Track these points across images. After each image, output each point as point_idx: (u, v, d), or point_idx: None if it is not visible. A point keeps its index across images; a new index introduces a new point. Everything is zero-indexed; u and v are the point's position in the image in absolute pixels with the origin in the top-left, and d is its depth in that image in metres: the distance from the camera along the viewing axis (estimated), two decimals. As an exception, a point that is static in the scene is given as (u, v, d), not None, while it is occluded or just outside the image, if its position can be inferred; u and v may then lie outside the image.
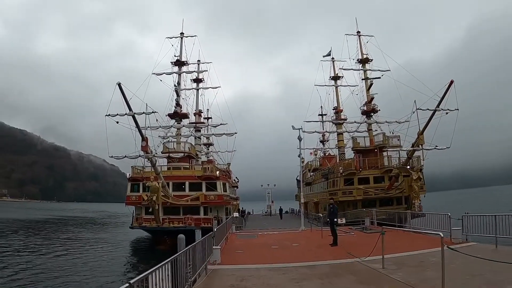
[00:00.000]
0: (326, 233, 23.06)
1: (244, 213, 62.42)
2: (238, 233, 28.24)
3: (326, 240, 21.04)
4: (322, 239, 22.01)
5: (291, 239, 23.18)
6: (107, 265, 29.74)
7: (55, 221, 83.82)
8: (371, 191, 44.15)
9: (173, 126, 48.34)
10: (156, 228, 37.99)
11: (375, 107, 52.35)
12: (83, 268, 28.04)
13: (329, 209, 20.12)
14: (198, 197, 41.50)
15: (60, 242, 45.02)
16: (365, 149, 49.14)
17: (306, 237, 24.94)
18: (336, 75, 65.45)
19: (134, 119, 32.00)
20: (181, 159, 46.11)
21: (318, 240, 22.10)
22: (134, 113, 31.79)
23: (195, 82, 63.07)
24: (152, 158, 35.54)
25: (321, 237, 22.55)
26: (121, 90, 30.18)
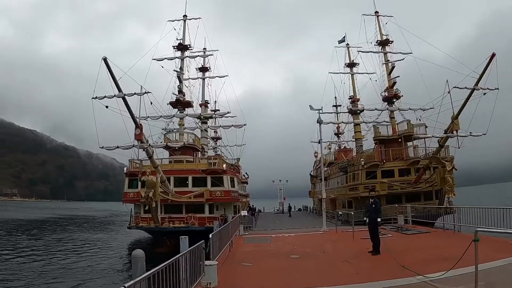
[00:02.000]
0: (357, 235, 18.32)
1: (255, 211, 57.69)
2: (247, 236, 23.26)
3: (360, 244, 16.30)
4: (354, 243, 17.22)
5: (314, 244, 18.14)
6: (92, 271, 25.51)
7: (55, 220, 79.88)
8: (397, 185, 39.22)
9: (175, 116, 43.77)
10: (154, 229, 33.51)
11: (398, 92, 47.46)
12: (66, 273, 24.55)
13: (369, 205, 15.09)
14: (202, 193, 36.90)
15: (52, 243, 40.90)
16: (388, 138, 44.09)
17: (332, 240, 19.81)
18: (351, 62, 61.05)
19: (125, 102, 27.43)
20: (184, 151, 41.47)
21: (349, 244, 17.27)
22: (124, 94, 27.15)
23: (200, 71, 58.65)
24: (148, 149, 30.89)
25: (352, 240, 17.74)
26: (107, 66, 25.59)
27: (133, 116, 28.31)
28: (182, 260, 8.11)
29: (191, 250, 8.72)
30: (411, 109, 46.05)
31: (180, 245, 9.83)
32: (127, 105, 27.57)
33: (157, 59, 47.10)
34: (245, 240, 20.40)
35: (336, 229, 24.02)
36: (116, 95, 27.59)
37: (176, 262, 7.64)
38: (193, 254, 8.83)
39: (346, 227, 24.56)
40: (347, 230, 22.55)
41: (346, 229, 23.43)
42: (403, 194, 39.32)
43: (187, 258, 8.36)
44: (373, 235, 14.40)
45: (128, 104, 27.62)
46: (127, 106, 27.60)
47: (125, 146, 32.92)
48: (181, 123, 45.07)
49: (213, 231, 14.27)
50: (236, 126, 49.33)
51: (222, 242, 14.07)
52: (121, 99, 27.33)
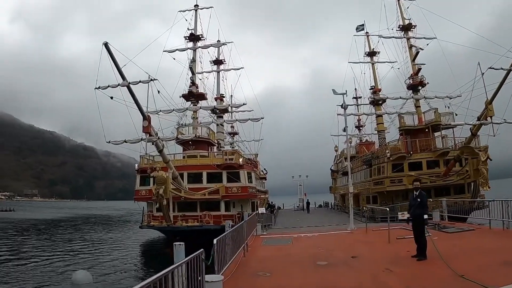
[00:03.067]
0: (393, 234, 15.77)
1: (274, 208, 55.29)
2: (265, 236, 20.64)
3: (397, 246, 13.84)
4: (390, 245, 14.62)
5: (343, 246, 15.58)
6: (99, 273, 23.56)
7: (69, 220, 79.51)
8: (425, 178, 36.33)
9: (189, 109, 41.49)
10: (166, 228, 31.32)
11: (423, 79, 44.46)
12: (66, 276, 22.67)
13: (413, 199, 12.26)
14: (218, 189, 34.56)
15: (60, 243, 39.50)
16: (415, 128, 41.18)
17: (362, 241, 17.09)
18: (372, 51, 58.18)
19: (130, 91, 25.24)
20: (198, 146, 39.15)
21: (385, 247, 14.60)
22: (128, 82, 24.94)
23: (215, 64, 56.44)
24: (157, 142, 28.62)
25: (386, 241, 15.14)
26: (109, 52, 23.44)
27: (139, 106, 26.13)
28: (178, 273, 5.79)
29: (188, 261, 6.34)
30: (438, 97, 43.23)
31: (174, 254, 7.41)
32: (132, 95, 25.39)
33: (168, 50, 45.02)
34: (263, 241, 17.94)
35: (366, 227, 21.03)
36: (120, 84, 25.43)
37: (169, 275, 5.32)
38: (191, 266, 6.45)
39: (377, 225, 21.95)
40: (378, 228, 19.94)
41: (377, 227, 20.81)
42: (432, 188, 36.45)
43: (182, 271, 6.02)
44: (418, 235, 11.74)
45: (134, 94, 25.44)
46: (133, 95, 25.43)
47: (132, 140, 30.69)
48: (195, 116, 42.77)
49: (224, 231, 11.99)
50: (253, 119, 46.86)
51: (234, 247, 11.67)
52: (126, 89, 25.26)
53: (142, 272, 24.27)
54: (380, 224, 23.51)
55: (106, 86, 27.14)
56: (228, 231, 10.96)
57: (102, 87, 27.24)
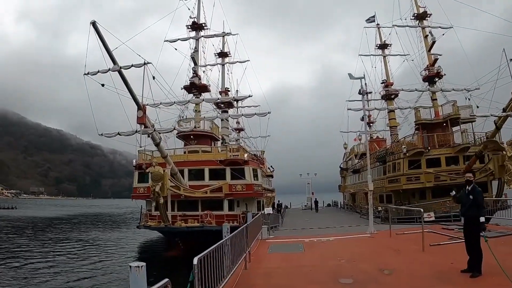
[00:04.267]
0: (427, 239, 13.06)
1: (281, 207, 52.71)
2: (271, 240, 17.80)
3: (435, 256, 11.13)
4: (425, 253, 11.80)
5: (368, 255, 12.62)
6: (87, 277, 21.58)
7: (69, 218, 77.18)
8: (445, 176, 33.57)
9: (191, 101, 38.81)
10: (164, 229, 28.81)
11: (440, 70, 41.61)
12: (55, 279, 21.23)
13: (465, 196, 9.19)
14: (220, 187, 31.89)
15: (53, 242, 37.37)
16: (432, 122, 38.30)
17: (390, 249, 13.74)
18: (383, 43, 55.60)
19: (122, 77, 22.75)
20: (200, 140, 36.58)
21: (420, 256, 11.58)
22: (120, 67, 22.43)
23: (219, 57, 53.93)
24: (154, 135, 26.07)
25: (419, 248, 12.39)
26: (97, 32, 20.94)
27: (133, 94, 23.63)
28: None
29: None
30: (455, 90, 40.48)
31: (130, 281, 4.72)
32: (124, 81, 22.92)
33: (169, 40, 42.40)
34: (269, 247, 15.21)
35: (390, 230, 17.42)
36: (111, 69, 22.96)
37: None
38: None
39: (399, 227, 19.13)
40: (402, 231, 17.17)
41: (401, 230, 18.04)
42: (451, 186, 33.70)
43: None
44: (472, 244, 8.94)
45: (126, 79, 22.96)
46: (125, 81, 22.95)
47: (127, 133, 28.12)
48: (197, 109, 40.08)
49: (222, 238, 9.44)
50: (260, 114, 44.12)
51: (233, 257, 9.08)
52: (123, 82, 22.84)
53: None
54: (402, 226, 20.65)
55: (96, 72, 24.64)
56: (223, 240, 8.26)
57: (91, 73, 24.72)
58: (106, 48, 21.63)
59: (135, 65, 23.84)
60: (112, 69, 22.98)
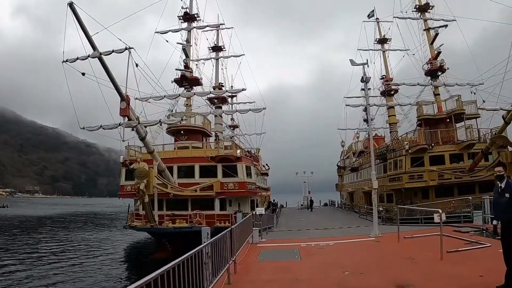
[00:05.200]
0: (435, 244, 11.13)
1: (276, 207, 50.88)
2: (263, 245, 15.88)
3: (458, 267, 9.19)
4: (445, 263, 9.84)
5: (376, 265, 10.49)
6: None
7: (59, 217, 75.35)
8: (449, 174, 31.76)
9: (181, 95, 36.96)
10: (150, 229, 26.90)
11: (443, 64, 39.82)
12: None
13: (499, 194, 7.40)
14: (211, 185, 29.97)
15: (37, 242, 35.75)
16: (435, 118, 36.46)
17: (401, 256, 11.53)
18: (383, 38, 54.15)
19: (103, 64, 20.79)
20: (191, 136, 34.60)
21: (440, 267, 9.57)
22: (100, 53, 20.47)
23: (213, 51, 52.02)
24: (138, 128, 24.06)
25: (437, 257, 10.36)
26: (75, 14, 18.98)
27: (115, 83, 21.63)
28: None
29: None
30: (459, 84, 38.91)
31: None
32: (105, 68, 20.93)
33: (160, 32, 40.48)
34: (260, 254, 13.17)
35: (398, 233, 14.99)
36: (90, 55, 21.02)
37: None
38: None
39: (407, 230, 17.03)
40: (411, 235, 15.19)
41: (409, 233, 15.93)
42: (455, 185, 31.92)
43: None
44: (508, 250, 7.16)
45: (107, 67, 20.96)
46: (106, 69, 20.96)
47: (109, 126, 26.16)
48: (188, 103, 38.10)
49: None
50: (255, 110, 42.50)
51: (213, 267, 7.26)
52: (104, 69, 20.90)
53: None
54: (407, 228, 18.57)
55: (75, 59, 22.76)
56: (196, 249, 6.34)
57: (70, 60, 22.81)
58: (84, 32, 19.62)
59: (116, 51, 21.98)
60: (91, 55, 21.04)
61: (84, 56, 21.82)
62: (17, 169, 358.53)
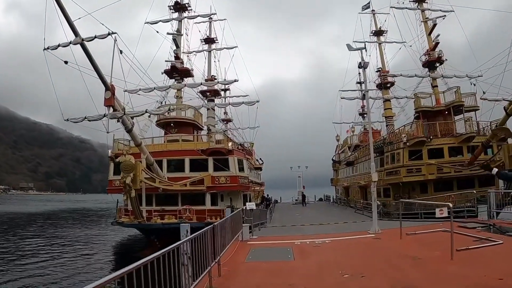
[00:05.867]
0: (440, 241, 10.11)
1: (270, 202, 49.78)
2: (254, 242, 14.64)
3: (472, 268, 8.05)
4: (456, 263, 8.63)
5: (379, 266, 9.06)
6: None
7: (49, 213, 75.29)
8: (448, 168, 30.76)
9: (172, 87, 35.72)
10: (137, 226, 25.79)
11: (441, 55, 38.78)
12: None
13: None
14: (202, 179, 28.84)
15: (21, 239, 35.02)
16: (433, 110, 35.42)
17: (405, 255, 10.22)
18: (379, 30, 53.05)
19: (85, 51, 19.56)
20: (181, 129, 33.42)
21: (450, 268, 8.34)
22: (82, 39, 19.23)
23: (206, 43, 50.70)
24: (124, 119, 22.84)
25: (447, 256, 9.07)
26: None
27: (99, 71, 20.43)
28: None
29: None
30: (457, 76, 37.91)
31: None
32: (88, 55, 19.72)
33: (150, 22, 39.14)
34: (250, 253, 11.87)
35: (400, 229, 13.60)
36: (72, 42, 19.77)
37: None
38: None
39: (408, 225, 15.63)
40: (414, 231, 13.91)
41: (411, 228, 14.55)
42: (454, 179, 30.94)
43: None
44: None
45: (90, 54, 19.75)
46: (89, 56, 19.76)
47: (94, 117, 24.95)
48: (179, 95, 36.85)
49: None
50: (248, 103, 41.41)
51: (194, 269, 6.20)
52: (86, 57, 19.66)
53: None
54: (409, 224, 17.08)
55: (56, 46, 21.52)
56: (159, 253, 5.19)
57: (51, 47, 21.56)
58: (65, 16, 18.36)
59: (99, 36, 20.82)
60: (73, 41, 19.80)
61: (66, 42, 20.58)
62: (11, 166, 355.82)
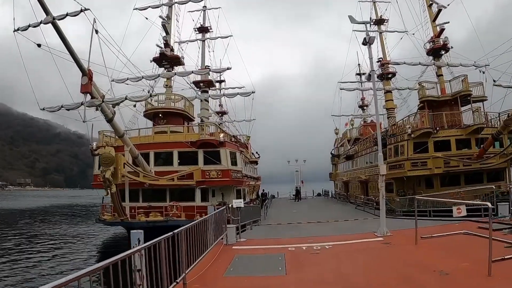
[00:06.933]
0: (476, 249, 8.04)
1: (266, 197, 47.71)
2: (240, 247, 12.40)
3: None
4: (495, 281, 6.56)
5: (396, 284, 6.95)
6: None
7: (41, 210, 72.11)
8: (456, 161, 28.68)
9: (161, 76, 33.60)
10: (120, 224, 23.79)
11: (447, 42, 36.60)
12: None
13: None
14: (191, 173, 26.77)
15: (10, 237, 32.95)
16: (439, 100, 33.25)
17: (427, 268, 7.91)
18: (379, 18, 51.05)
19: (56, 29, 17.41)
20: (170, 120, 31.29)
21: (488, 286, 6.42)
22: (53, 17, 17.08)
23: (199, 33, 48.61)
24: (103, 107, 20.70)
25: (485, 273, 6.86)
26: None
27: (73, 54, 18.27)
28: None
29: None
30: (463, 65, 35.81)
31: None
32: (60, 35, 17.56)
33: (139, 8, 36.96)
34: (232, 264, 9.63)
35: (416, 231, 11.16)
36: (43, 21, 17.67)
37: None
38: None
39: (423, 226, 13.14)
40: (430, 233, 11.42)
41: (426, 230, 12.24)
42: (461, 174, 28.86)
43: None
44: None
45: (62, 34, 17.59)
46: (61, 36, 17.58)
47: (71, 106, 22.87)
48: (168, 84, 34.66)
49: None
50: (243, 94, 39.17)
51: None
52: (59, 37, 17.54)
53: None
54: (420, 223, 14.29)
55: (27, 27, 19.35)
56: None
57: (21, 28, 19.43)
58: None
59: (71, 14, 18.62)
60: (44, 21, 17.69)
61: (36, 22, 18.45)
62: (8, 162, 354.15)
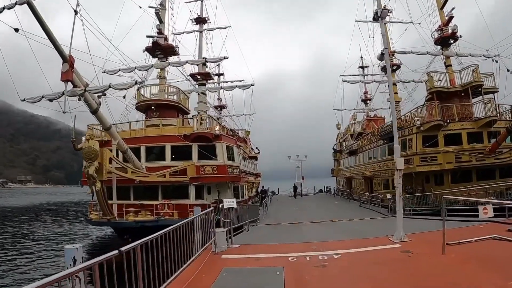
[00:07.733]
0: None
1: (265, 194, 45.91)
2: (230, 256, 10.53)
3: None
4: None
5: None
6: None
7: (35, 208, 71.99)
8: (467, 156, 26.75)
9: (154, 66, 31.68)
10: (107, 224, 22.02)
11: (455, 30, 34.54)
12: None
13: None
14: (185, 169, 24.99)
15: None
16: (448, 91, 31.31)
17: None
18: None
19: (32, 10, 15.57)
20: (163, 112, 29.44)
21: None
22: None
23: (197, 24, 46.77)
24: (87, 96, 18.83)
25: None
26: None
27: (52, 38, 16.44)
28: None
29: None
30: (472, 55, 33.76)
31: None
32: (37, 17, 15.74)
33: (131, -5, 35.11)
34: (219, 280, 7.83)
35: (443, 239, 9.25)
36: (18, 1, 15.80)
37: None
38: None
39: (440, 229, 10.90)
40: (457, 240, 8.98)
41: (451, 234, 9.66)
42: (473, 169, 26.94)
43: None
44: None
45: (41, 17, 15.77)
46: (38, 18, 15.77)
47: (52, 95, 21.12)
48: (162, 75, 32.73)
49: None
50: (242, 87, 37.33)
51: None
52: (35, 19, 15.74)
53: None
54: (438, 225, 11.87)
55: (1, 9, 17.48)
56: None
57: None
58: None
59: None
60: (19, 1, 15.89)
61: (11, 4, 16.60)
62: (9, 159, 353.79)
